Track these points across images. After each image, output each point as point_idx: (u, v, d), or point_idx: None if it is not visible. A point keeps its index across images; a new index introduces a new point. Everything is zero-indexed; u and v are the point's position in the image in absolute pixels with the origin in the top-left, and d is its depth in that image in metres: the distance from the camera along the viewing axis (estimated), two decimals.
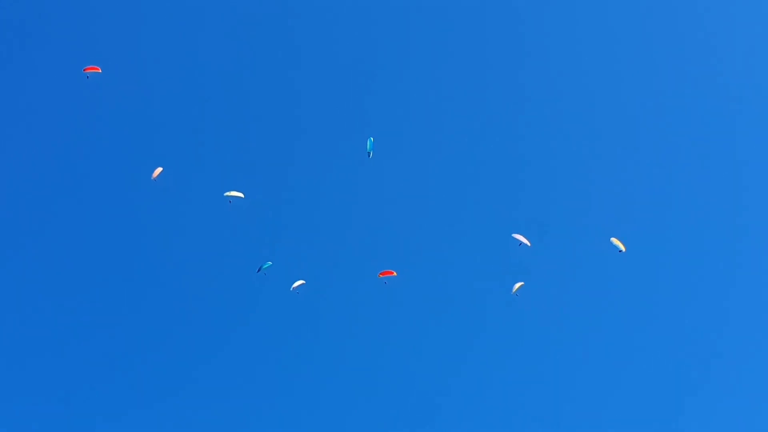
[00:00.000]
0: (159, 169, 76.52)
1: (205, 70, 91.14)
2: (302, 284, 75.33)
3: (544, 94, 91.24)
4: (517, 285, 73.71)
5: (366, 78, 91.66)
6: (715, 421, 79.70)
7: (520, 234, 74.77)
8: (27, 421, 78.43)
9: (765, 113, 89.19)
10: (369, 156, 72.20)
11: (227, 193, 75.05)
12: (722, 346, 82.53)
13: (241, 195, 75.18)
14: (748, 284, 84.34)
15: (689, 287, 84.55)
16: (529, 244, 74.52)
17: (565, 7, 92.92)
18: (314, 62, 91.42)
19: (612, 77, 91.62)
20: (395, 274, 74.17)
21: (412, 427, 79.92)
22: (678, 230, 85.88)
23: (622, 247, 73.09)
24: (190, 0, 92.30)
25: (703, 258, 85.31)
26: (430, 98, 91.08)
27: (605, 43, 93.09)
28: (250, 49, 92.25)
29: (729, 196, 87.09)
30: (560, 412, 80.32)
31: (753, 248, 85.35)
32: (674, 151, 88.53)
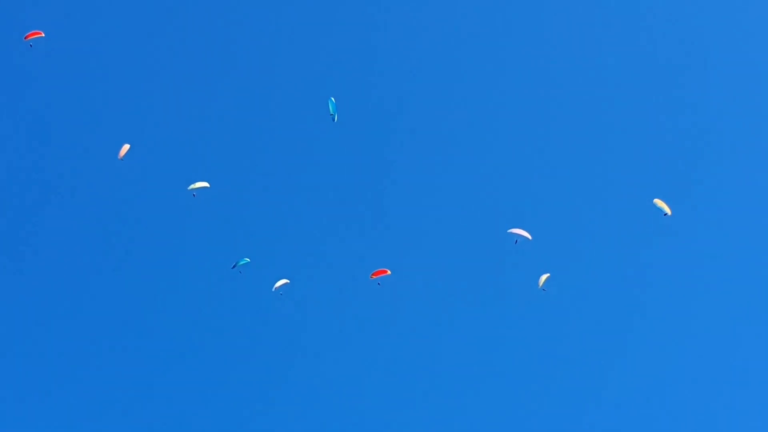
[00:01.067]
0: (126, 147, 70.78)
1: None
2: (286, 284, 71.05)
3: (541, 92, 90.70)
4: (543, 277, 70.13)
5: (357, 73, 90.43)
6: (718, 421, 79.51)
7: (519, 228, 70.59)
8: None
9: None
10: (334, 120, 70.06)
11: (191, 186, 70.44)
12: (724, 346, 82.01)
13: (206, 184, 70.68)
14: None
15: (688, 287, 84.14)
16: (530, 237, 69.95)
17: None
18: (300, 55, 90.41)
19: (608, 75, 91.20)
20: (389, 272, 70.85)
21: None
22: (677, 230, 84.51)
23: (667, 210, 69.91)
24: None
25: (707, 257, 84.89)
26: (419, 95, 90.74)
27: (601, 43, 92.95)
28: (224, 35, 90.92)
29: (732, 196, 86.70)
30: (561, 414, 79.85)
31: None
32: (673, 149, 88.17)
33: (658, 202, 70.09)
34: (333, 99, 69.75)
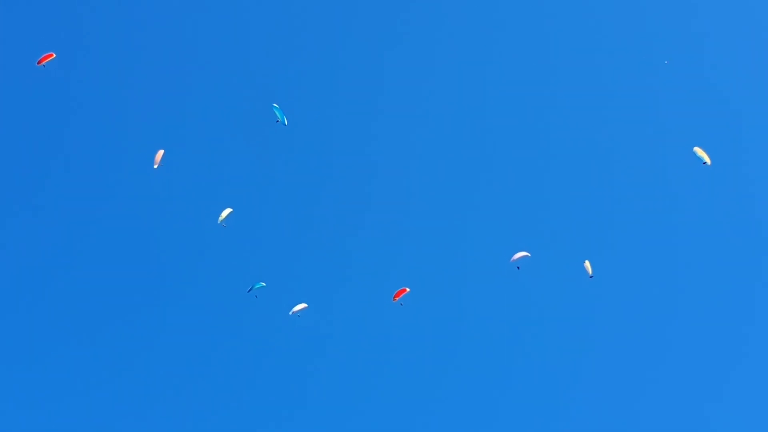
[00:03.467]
0: (160, 153, 68.63)
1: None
2: (304, 308, 70.23)
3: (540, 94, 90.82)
4: (587, 265, 69.80)
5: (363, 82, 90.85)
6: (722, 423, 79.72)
7: (518, 251, 70.82)
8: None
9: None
10: (285, 124, 69.89)
11: (219, 219, 69.41)
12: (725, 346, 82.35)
13: (230, 210, 69.79)
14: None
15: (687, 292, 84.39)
16: (528, 255, 70.81)
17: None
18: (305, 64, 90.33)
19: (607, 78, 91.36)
20: (408, 290, 70.99)
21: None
22: (676, 233, 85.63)
23: (707, 159, 65.84)
24: None
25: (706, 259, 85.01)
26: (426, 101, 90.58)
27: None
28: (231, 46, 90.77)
29: (732, 198, 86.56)
30: (563, 417, 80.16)
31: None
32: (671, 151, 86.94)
33: (698, 151, 65.97)
34: (276, 105, 69.42)
